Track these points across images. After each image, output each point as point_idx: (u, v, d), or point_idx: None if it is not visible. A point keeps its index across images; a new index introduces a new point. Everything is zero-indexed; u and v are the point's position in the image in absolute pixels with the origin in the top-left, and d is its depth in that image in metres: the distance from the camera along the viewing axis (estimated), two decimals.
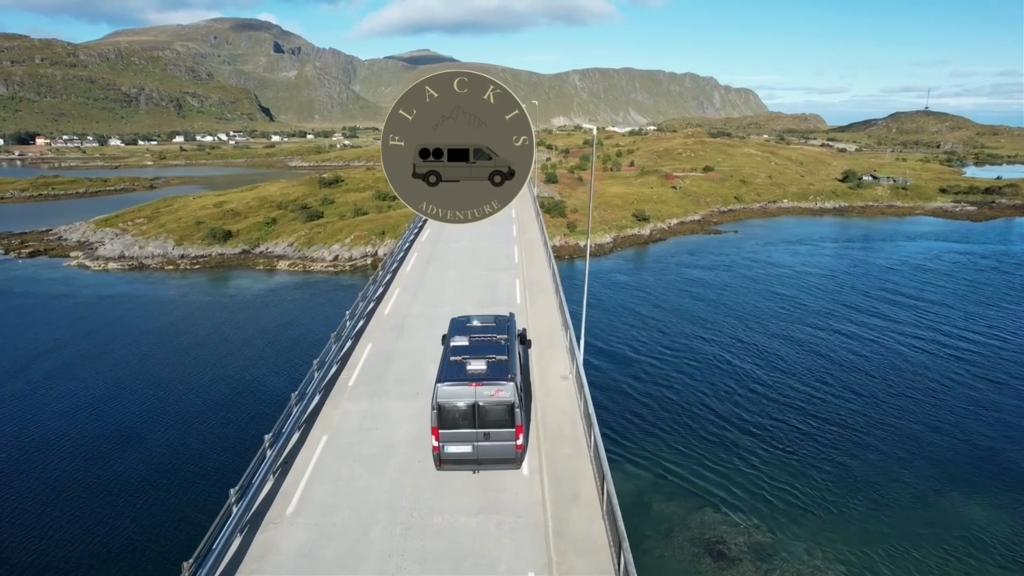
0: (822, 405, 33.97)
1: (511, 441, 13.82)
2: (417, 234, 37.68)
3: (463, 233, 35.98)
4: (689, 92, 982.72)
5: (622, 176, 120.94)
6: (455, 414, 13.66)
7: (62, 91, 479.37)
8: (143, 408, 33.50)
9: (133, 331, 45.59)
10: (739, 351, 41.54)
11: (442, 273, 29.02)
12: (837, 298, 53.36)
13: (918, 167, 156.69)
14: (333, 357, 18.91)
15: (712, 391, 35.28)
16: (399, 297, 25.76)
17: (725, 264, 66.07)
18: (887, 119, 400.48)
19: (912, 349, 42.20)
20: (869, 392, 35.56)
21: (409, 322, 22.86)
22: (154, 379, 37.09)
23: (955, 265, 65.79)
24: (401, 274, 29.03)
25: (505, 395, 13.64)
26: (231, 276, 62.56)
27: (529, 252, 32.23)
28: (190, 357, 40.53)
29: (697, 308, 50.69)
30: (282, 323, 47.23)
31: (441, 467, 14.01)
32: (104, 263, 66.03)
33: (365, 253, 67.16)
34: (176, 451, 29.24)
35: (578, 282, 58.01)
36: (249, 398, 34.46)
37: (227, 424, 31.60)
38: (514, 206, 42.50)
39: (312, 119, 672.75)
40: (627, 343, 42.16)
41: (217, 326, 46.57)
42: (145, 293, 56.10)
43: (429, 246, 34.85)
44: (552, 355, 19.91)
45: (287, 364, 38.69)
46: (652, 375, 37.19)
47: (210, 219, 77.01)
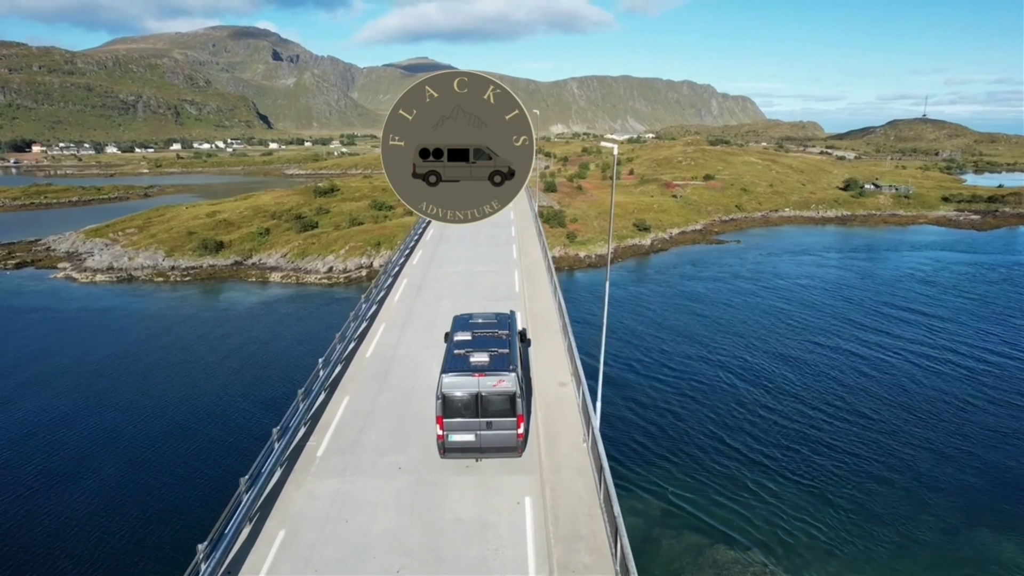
0: (835, 431, 32.30)
1: (512, 430, 14.34)
2: (408, 255, 34.65)
3: (459, 255, 33.54)
4: (687, 100, 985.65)
5: (622, 184, 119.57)
6: (459, 404, 14.17)
7: (59, 98, 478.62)
8: (97, 436, 31.51)
9: (110, 350, 43.79)
10: (745, 372, 39.90)
11: (434, 303, 25.91)
12: (844, 314, 51.74)
13: (919, 175, 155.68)
14: (300, 419, 15.71)
15: (719, 416, 33.60)
16: (384, 335, 22.58)
17: (728, 276, 64.53)
18: (885, 126, 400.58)
19: (925, 369, 40.58)
20: (883, 416, 33.90)
21: (395, 368, 19.70)
22: (118, 403, 35.20)
23: (963, 277, 64.31)
24: (388, 305, 25.91)
25: (507, 385, 14.17)
26: (221, 289, 60.86)
27: (532, 279, 29.07)
28: (164, 378, 38.65)
29: (700, 325, 49.04)
30: (269, 342, 45.49)
31: (445, 455, 14.54)
32: (92, 275, 64.29)
33: (360, 265, 65.51)
34: (126, 488, 27.17)
35: (577, 295, 56.43)
36: (222, 428, 32.64)
37: (195, 459, 29.71)
38: (514, 223, 40.49)
39: (310, 127, 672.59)
40: (628, 363, 40.49)
41: (198, 343, 44.77)
42: (131, 307, 54.35)
43: (421, 271, 31.58)
44: (563, 416, 16.27)
45: (267, 392, 36.91)
46: (655, 399, 35.48)
47: (202, 229, 75.38)
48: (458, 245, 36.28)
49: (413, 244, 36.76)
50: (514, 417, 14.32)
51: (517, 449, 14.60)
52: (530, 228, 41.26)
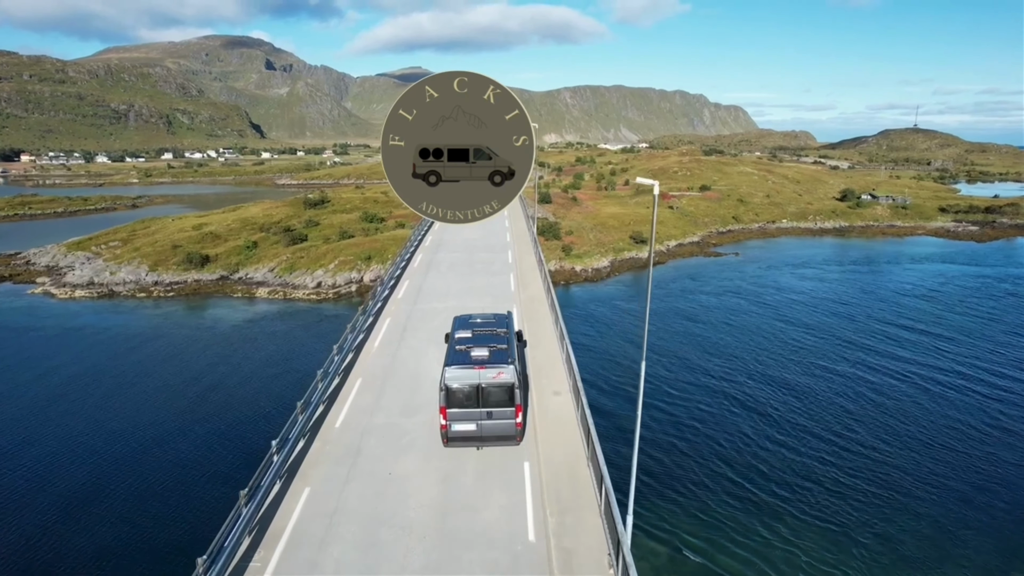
0: (852, 459, 30.51)
1: (511, 419, 15.07)
2: (393, 286, 30.91)
3: (450, 286, 30.37)
4: (679, 109, 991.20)
5: (617, 195, 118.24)
6: (461, 395, 14.88)
7: (50, 107, 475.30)
8: (32, 471, 29.42)
9: (72, 371, 41.49)
10: (752, 393, 38.12)
11: (420, 352, 22.05)
12: (848, 333, 50.02)
13: (914, 185, 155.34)
14: (243, 528, 12.09)
15: (727, 443, 31.76)
16: (359, 396, 18.89)
17: (728, 292, 62.89)
18: (877, 136, 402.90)
19: (941, 388, 38.91)
20: (903, 443, 32.14)
21: (368, 443, 16.20)
22: (61, 433, 33.06)
23: (968, 291, 62.93)
24: (366, 352, 22.19)
25: (506, 377, 14.94)
26: (206, 305, 58.72)
27: (534, 319, 25.18)
28: (122, 406, 36.45)
29: (702, 343, 47.26)
30: (244, 367, 43.39)
31: (448, 443, 15.27)
32: (71, 290, 62.02)
33: (350, 279, 63.54)
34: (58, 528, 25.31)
35: (574, 311, 54.61)
36: (175, 467, 30.60)
37: (158, 506, 27.71)
38: (511, 246, 37.88)
39: (303, 136, 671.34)
40: (630, 385, 38.58)
41: (168, 366, 42.62)
42: (110, 325, 52.09)
43: (406, 307, 27.90)
44: (579, 517, 13.03)
45: (234, 428, 34.80)
46: (659, 423, 33.62)
47: (188, 242, 73.26)
48: (449, 274, 32.83)
49: (399, 273, 33.04)
50: (513, 407, 15.08)
51: (516, 437, 15.32)
52: (529, 254, 37.36)
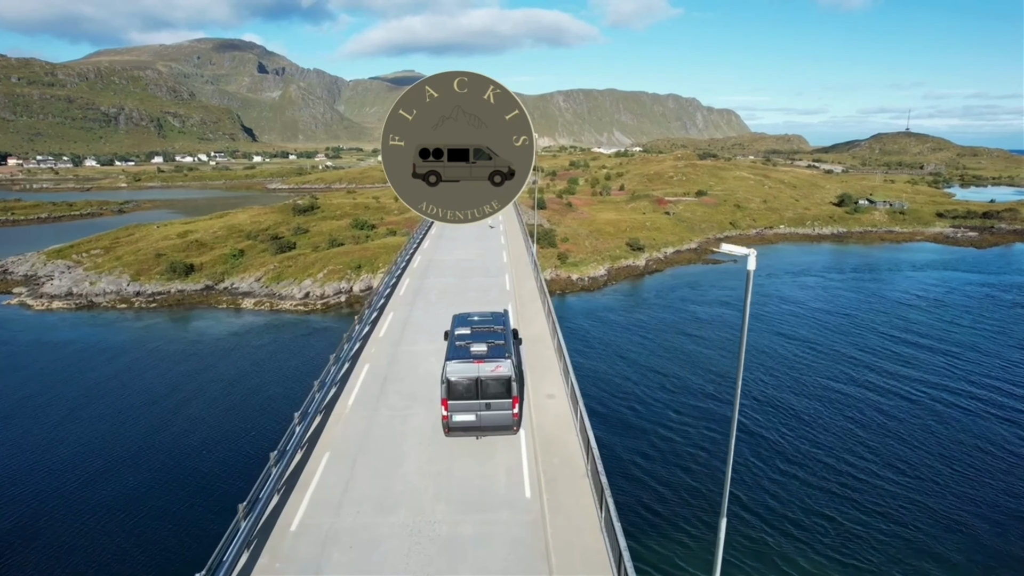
0: (869, 489, 28.69)
1: (508, 411, 15.92)
2: (376, 320, 26.72)
3: (440, 321, 25.47)
4: (672, 113, 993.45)
5: (612, 201, 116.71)
6: (461, 387, 15.68)
7: (39, 110, 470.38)
8: None
9: (40, 386, 39.36)
10: (757, 414, 36.33)
11: (403, 414, 18.34)
12: (855, 344, 48.40)
13: (909, 189, 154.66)
14: None
15: (734, 471, 29.90)
16: (325, 476, 15.23)
17: (729, 300, 61.21)
18: (870, 140, 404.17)
19: (953, 408, 37.21)
20: (921, 471, 30.36)
21: (331, 558, 12.45)
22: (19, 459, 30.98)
23: (974, 299, 61.50)
24: (336, 417, 18.19)
25: (503, 370, 15.73)
26: (189, 317, 56.48)
27: (537, 366, 20.95)
28: (82, 428, 34.40)
29: (704, 357, 45.41)
30: (230, 387, 41.29)
31: (449, 433, 16.13)
32: (48, 302, 59.62)
33: (339, 290, 61.43)
34: None
35: (571, 324, 52.74)
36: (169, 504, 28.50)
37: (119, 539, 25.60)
38: (509, 269, 34.10)
39: (296, 139, 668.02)
40: (629, 405, 36.74)
41: (144, 381, 40.50)
42: (87, 338, 49.80)
43: (389, 349, 23.39)
44: None
45: (221, 456, 32.76)
46: (661, 449, 31.67)
47: (172, 251, 70.98)
48: (439, 304, 28.90)
49: (383, 303, 29.04)
50: (510, 399, 15.91)
51: (512, 427, 16.26)
52: (528, 278, 33.24)
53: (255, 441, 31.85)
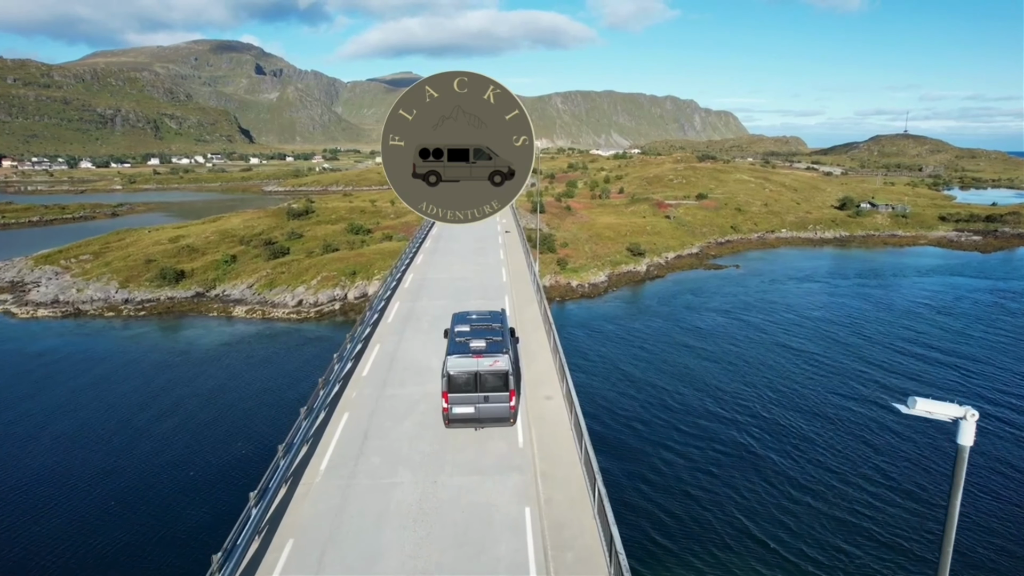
0: (883, 516, 27.15)
1: (505, 403, 16.56)
2: (361, 352, 23.41)
3: (431, 357, 22.51)
4: (670, 115, 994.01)
5: (612, 204, 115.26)
6: (460, 381, 16.32)
7: (35, 112, 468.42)
8: None
9: (10, 396, 37.75)
10: (767, 436, 34.76)
11: (389, 481, 15.42)
12: (866, 357, 46.59)
13: (910, 192, 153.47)
14: None
15: (744, 499, 28.28)
16: None
17: (734, 309, 59.65)
18: (868, 141, 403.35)
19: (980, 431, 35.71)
20: (938, 499, 28.91)
21: None
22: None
23: (983, 307, 60.06)
24: (305, 485, 15.29)
25: (501, 365, 16.42)
26: (179, 325, 54.84)
27: (542, 422, 17.94)
28: (58, 448, 32.83)
29: (709, 373, 43.60)
30: (213, 407, 39.68)
31: (450, 425, 16.78)
32: (33, 309, 57.96)
33: (332, 297, 59.83)
34: None
35: (569, 335, 51.23)
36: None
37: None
38: (508, 287, 31.55)
39: (293, 141, 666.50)
40: (630, 425, 35.08)
41: (114, 397, 38.88)
42: (71, 348, 48.12)
43: (372, 392, 20.25)
44: None
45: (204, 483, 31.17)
46: (666, 474, 30.01)
47: (163, 256, 69.35)
48: (431, 333, 25.32)
49: (368, 333, 25.53)
50: (507, 392, 16.60)
51: (509, 419, 16.91)
52: (531, 303, 29.81)
53: (230, 469, 30.28)
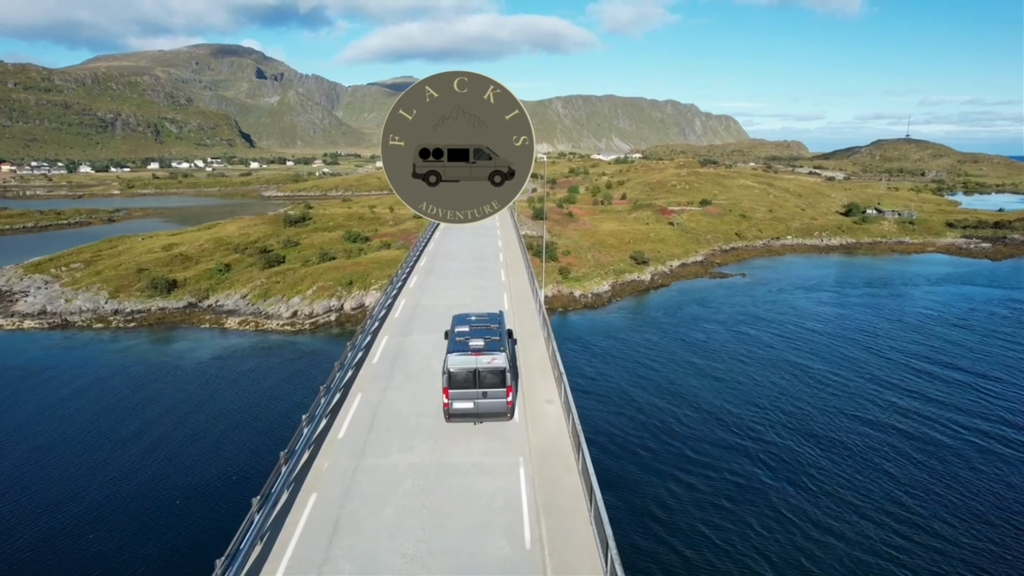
0: (913, 566, 25.38)
1: (503, 399, 17.55)
2: (341, 402, 19.78)
3: (424, 409, 19.20)
4: (671, 119, 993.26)
5: (614, 210, 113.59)
6: (460, 378, 17.31)
7: (35, 116, 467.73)
8: None
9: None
10: (778, 463, 32.88)
11: (373, 557, 12.49)
12: (877, 373, 44.63)
13: (915, 198, 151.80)
14: None
15: (759, 537, 26.38)
16: None
17: (740, 322, 57.78)
18: (870, 146, 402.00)
19: (986, 452, 33.93)
20: (956, 527, 27.10)
21: None
22: None
23: (999, 319, 58.21)
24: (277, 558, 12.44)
25: (499, 362, 17.41)
26: (169, 337, 53.11)
27: (553, 515, 14.03)
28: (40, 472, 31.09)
29: (717, 394, 41.28)
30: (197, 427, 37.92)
31: (450, 420, 17.67)
32: (20, 320, 56.25)
33: (328, 308, 58.11)
34: None
35: (573, 347, 49.47)
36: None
37: None
38: (510, 318, 27.99)
39: (294, 145, 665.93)
40: (634, 452, 33.15)
41: (91, 415, 37.15)
42: (56, 362, 46.38)
43: (348, 464, 16.20)
44: None
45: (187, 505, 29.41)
46: (674, 509, 27.88)
47: (156, 265, 67.66)
48: (421, 379, 21.66)
49: (350, 376, 21.92)
50: (504, 388, 17.36)
51: (507, 414, 17.67)
52: (537, 338, 25.65)
53: (198, 497, 28.55)
